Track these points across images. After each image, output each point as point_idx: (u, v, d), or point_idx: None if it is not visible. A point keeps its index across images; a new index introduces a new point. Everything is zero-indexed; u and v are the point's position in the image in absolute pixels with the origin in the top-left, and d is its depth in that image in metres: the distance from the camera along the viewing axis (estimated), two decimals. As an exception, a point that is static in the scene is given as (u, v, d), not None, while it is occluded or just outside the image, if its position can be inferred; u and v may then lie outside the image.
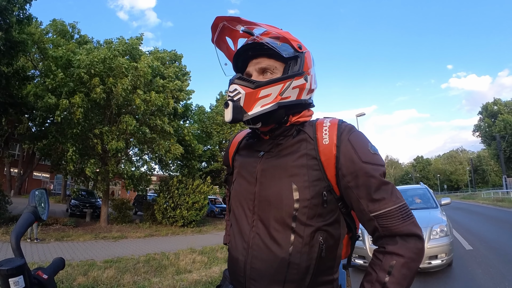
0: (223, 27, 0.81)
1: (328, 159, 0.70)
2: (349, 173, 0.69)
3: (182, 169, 13.60)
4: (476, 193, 36.98)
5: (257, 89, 0.73)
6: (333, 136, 0.71)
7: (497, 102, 42.58)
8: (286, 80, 0.74)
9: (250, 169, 0.79)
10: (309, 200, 0.68)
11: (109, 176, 10.22)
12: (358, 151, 0.69)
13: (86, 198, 14.10)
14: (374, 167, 0.68)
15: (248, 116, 0.73)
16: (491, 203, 19.96)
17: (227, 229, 0.99)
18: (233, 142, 0.94)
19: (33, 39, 10.66)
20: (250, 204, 0.75)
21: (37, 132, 11.80)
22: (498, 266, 4.45)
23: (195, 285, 3.94)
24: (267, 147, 0.79)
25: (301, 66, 0.77)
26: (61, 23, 12.35)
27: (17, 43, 8.83)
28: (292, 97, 0.75)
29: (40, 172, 25.85)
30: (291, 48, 0.77)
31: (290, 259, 0.67)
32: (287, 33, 0.80)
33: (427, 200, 5.37)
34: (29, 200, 0.67)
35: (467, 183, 57.95)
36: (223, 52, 0.89)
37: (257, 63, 0.78)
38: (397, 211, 0.67)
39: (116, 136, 9.62)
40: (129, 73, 9.37)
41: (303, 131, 0.77)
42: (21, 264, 0.55)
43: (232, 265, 0.78)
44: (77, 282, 3.87)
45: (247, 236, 0.73)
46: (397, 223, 0.66)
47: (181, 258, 5.57)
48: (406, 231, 0.66)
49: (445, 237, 3.97)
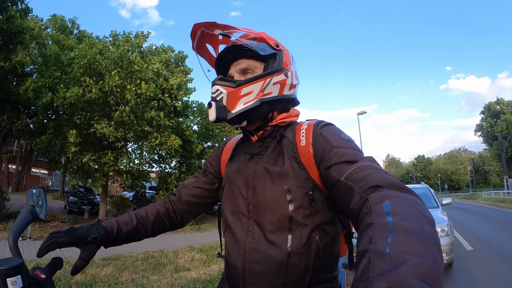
0: (201, 34, 0.83)
1: (307, 160, 0.71)
2: (324, 161, 0.68)
3: (180, 166, 13.58)
4: (477, 194, 36.94)
5: (238, 88, 0.74)
6: (309, 136, 0.73)
7: (500, 102, 42.44)
8: (266, 76, 0.76)
9: (240, 173, 0.78)
10: (302, 199, 0.69)
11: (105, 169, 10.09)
12: (330, 139, 0.70)
13: (84, 195, 14.08)
14: (348, 150, 0.66)
15: (231, 114, 0.74)
16: (492, 204, 19.94)
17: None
18: (226, 149, 0.91)
19: (32, 34, 10.60)
20: (244, 210, 0.75)
21: (36, 129, 11.77)
22: (499, 267, 4.44)
23: (194, 283, 3.91)
24: (256, 149, 0.79)
25: (280, 63, 0.78)
26: (60, 18, 12.32)
27: (15, 34, 8.75)
28: (274, 93, 0.76)
29: (38, 168, 25.74)
30: (269, 47, 0.80)
31: (288, 261, 0.67)
32: (263, 33, 0.83)
33: (428, 199, 5.35)
34: (26, 199, 0.67)
35: (468, 183, 57.99)
36: (205, 59, 0.91)
37: (237, 65, 0.80)
38: (374, 165, 0.60)
39: (113, 125, 9.55)
40: (121, 70, 9.26)
41: (284, 136, 0.78)
42: (19, 264, 0.56)
43: (230, 272, 0.76)
44: (75, 280, 3.84)
45: (243, 242, 0.73)
46: (376, 171, 0.57)
47: (180, 256, 5.55)
48: (390, 182, 0.53)
49: (446, 237, 3.96)
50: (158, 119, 10.00)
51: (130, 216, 0.84)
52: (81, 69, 8.93)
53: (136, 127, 9.85)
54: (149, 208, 0.89)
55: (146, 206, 0.91)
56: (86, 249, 0.70)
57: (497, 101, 42.90)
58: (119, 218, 0.82)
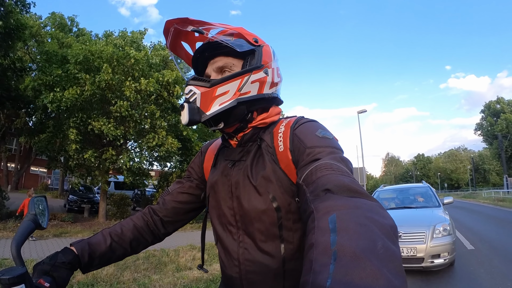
0: (175, 31, 0.77)
1: (287, 166, 0.67)
2: (298, 163, 0.63)
3: (181, 164, 13.54)
4: (477, 192, 37.05)
5: (213, 88, 0.69)
6: (286, 141, 0.68)
7: (500, 101, 42.44)
8: (243, 74, 0.70)
9: (223, 183, 0.74)
10: (289, 205, 0.65)
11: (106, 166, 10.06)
12: (304, 139, 0.65)
13: (84, 193, 14.06)
14: (320, 149, 0.61)
15: (206, 116, 0.69)
16: (492, 203, 19.98)
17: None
18: (207, 155, 0.86)
19: (31, 32, 10.54)
20: (231, 220, 0.72)
21: (35, 127, 11.72)
22: (500, 266, 4.44)
23: (196, 282, 3.91)
24: (237, 155, 0.75)
25: (259, 59, 0.73)
26: (60, 16, 12.26)
27: (13, 30, 8.69)
28: (252, 92, 0.71)
29: (37, 167, 25.68)
30: (247, 42, 0.74)
31: (285, 267, 0.66)
32: (241, 28, 0.77)
33: (429, 198, 5.36)
34: (28, 208, 0.67)
35: (467, 182, 58.10)
36: (182, 58, 0.86)
37: (214, 63, 0.75)
38: (333, 164, 0.54)
39: (113, 123, 9.52)
40: (117, 65, 9.19)
41: (263, 139, 0.73)
42: (23, 273, 0.56)
43: (228, 282, 0.74)
44: (76, 280, 3.82)
45: (236, 253, 0.70)
46: (331, 172, 0.52)
47: (181, 255, 5.54)
48: (341, 184, 0.47)
49: (448, 236, 3.96)
50: (154, 117, 9.93)
51: (104, 235, 0.76)
52: (78, 66, 8.88)
53: (136, 123, 9.80)
54: (126, 224, 0.82)
55: (123, 221, 0.84)
56: (59, 276, 0.63)
57: (498, 100, 42.91)
58: (91, 239, 0.75)
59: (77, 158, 9.52)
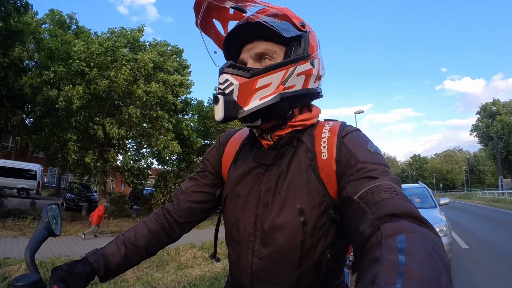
0: (208, 7, 0.66)
1: (328, 176, 0.61)
2: (346, 176, 0.58)
3: (180, 163, 13.54)
4: (472, 193, 37.37)
5: (253, 78, 0.59)
6: (332, 148, 0.61)
7: (496, 103, 42.82)
8: (289, 65, 0.61)
9: (251, 186, 0.67)
10: (316, 220, 0.60)
11: (107, 166, 10.09)
12: (355, 152, 0.59)
13: (81, 191, 13.99)
14: (374, 166, 0.57)
15: (244, 112, 0.60)
16: (487, 203, 20.17)
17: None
18: (228, 149, 0.77)
19: (29, 29, 10.45)
20: (251, 227, 0.65)
21: (33, 125, 11.63)
22: (494, 265, 4.54)
23: (199, 280, 3.95)
24: (270, 159, 0.67)
25: (306, 48, 0.63)
26: (58, 13, 12.16)
27: (14, 33, 8.65)
28: (297, 86, 0.62)
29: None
30: (293, 26, 0.63)
31: (299, 282, 0.62)
32: (286, 9, 0.65)
33: (425, 199, 5.41)
34: (42, 216, 0.67)
35: (463, 183, 58.61)
36: (211, 38, 0.74)
37: (252, 48, 0.64)
38: (394, 187, 0.52)
39: (116, 125, 9.54)
40: (128, 64, 9.25)
41: (301, 141, 0.66)
42: (36, 280, 0.57)
43: (235, 284, 0.71)
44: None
45: (249, 261, 0.65)
46: (394, 196, 0.50)
47: (182, 254, 5.58)
48: (409, 211, 0.46)
49: (444, 237, 4.00)
50: (162, 120, 10.02)
51: (118, 245, 0.72)
52: (84, 62, 8.85)
53: (139, 126, 9.87)
54: (140, 229, 0.76)
55: (136, 225, 0.78)
56: (73, 284, 0.61)
57: (494, 102, 43.29)
58: (105, 249, 0.70)
59: (76, 159, 9.53)
